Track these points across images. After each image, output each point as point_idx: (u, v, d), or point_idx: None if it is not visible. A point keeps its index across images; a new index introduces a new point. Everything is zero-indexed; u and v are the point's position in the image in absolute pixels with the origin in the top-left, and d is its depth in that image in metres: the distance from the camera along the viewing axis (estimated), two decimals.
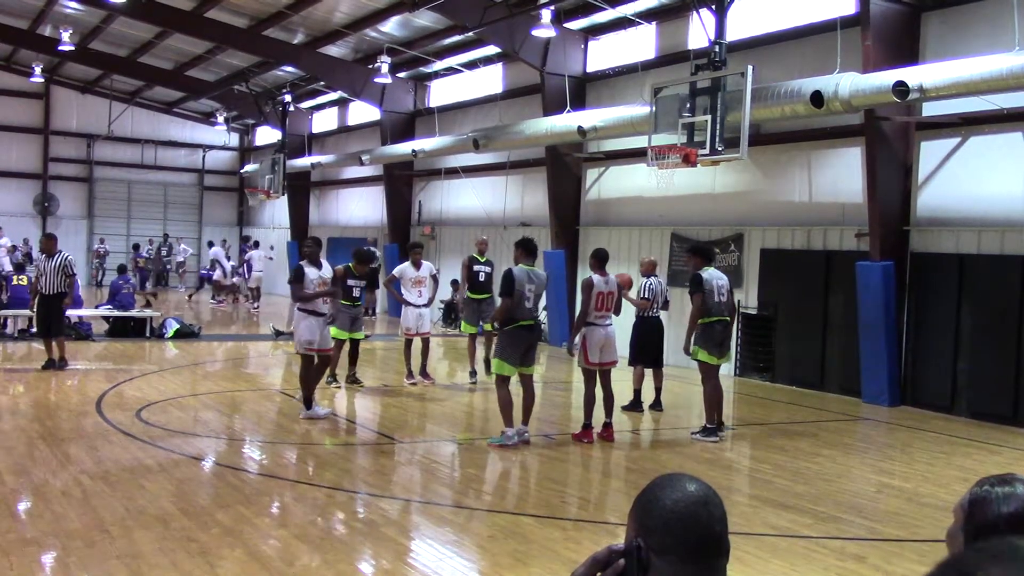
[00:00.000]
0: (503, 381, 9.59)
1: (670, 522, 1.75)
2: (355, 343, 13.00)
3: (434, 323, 14.60)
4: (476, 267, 13.84)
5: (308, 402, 10.65)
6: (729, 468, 9.64)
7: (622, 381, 11.77)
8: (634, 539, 1.77)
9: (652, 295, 12.05)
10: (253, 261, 26.54)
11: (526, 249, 9.79)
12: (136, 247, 32.76)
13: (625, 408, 11.65)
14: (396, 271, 13.83)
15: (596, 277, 10.15)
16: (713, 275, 10.43)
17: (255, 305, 26.10)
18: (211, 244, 29.78)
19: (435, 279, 14.20)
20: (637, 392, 11.99)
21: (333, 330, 12.76)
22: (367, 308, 13.29)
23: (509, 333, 9.54)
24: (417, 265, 13.54)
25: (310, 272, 10.61)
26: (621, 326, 10.69)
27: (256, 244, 28.41)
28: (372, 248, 20.07)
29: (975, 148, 12.57)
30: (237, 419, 10.98)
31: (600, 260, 10.36)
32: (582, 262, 18.30)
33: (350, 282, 12.44)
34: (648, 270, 12.30)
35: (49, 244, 13.93)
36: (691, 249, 11.32)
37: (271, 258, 29.12)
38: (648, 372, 12.03)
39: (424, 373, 13.66)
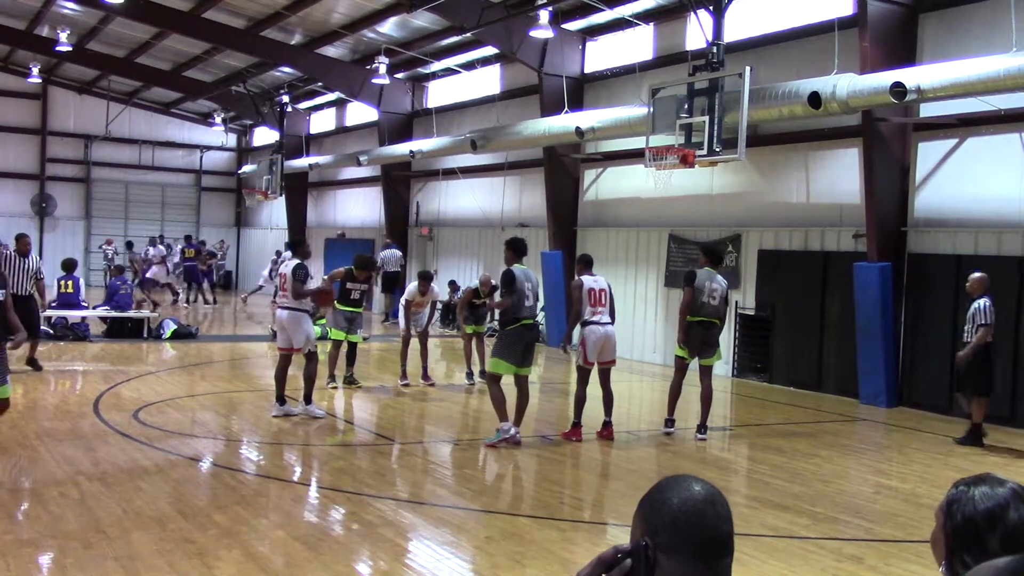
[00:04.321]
0: (495, 379, 9.61)
1: (678, 521, 1.77)
2: (352, 345, 13.02)
3: (432, 324, 14.61)
4: (475, 301, 13.78)
5: (308, 398, 10.87)
6: (727, 469, 9.64)
7: (620, 382, 11.78)
8: (641, 539, 1.78)
9: (990, 318, 10.32)
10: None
11: (516, 249, 9.82)
12: (129, 245, 32.35)
13: (960, 441, 10.61)
14: (407, 294, 13.82)
15: (585, 277, 10.26)
16: (709, 276, 10.42)
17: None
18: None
19: (434, 306, 14.29)
20: (978, 426, 10.60)
21: (332, 331, 12.88)
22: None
23: (511, 332, 9.55)
24: (423, 293, 13.63)
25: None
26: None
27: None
28: (372, 256, 20.05)
29: (972, 149, 12.58)
30: (234, 420, 10.97)
31: (586, 263, 10.53)
32: None
33: (349, 284, 12.51)
34: (979, 288, 10.43)
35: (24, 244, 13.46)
36: (703, 247, 11.47)
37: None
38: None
39: (425, 376, 13.69)
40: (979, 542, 2.09)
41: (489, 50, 20.38)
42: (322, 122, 31.02)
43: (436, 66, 23.07)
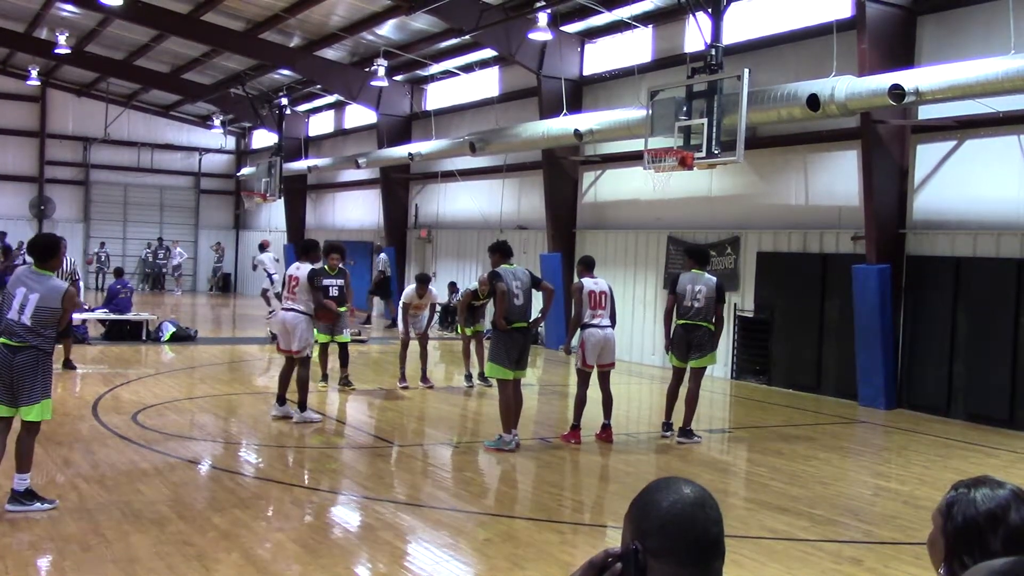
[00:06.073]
0: (505, 385, 9.57)
1: (667, 525, 1.76)
2: (343, 346, 12.99)
3: (432, 326, 14.60)
4: (475, 302, 13.76)
5: (303, 404, 10.74)
6: (726, 471, 9.64)
7: (620, 384, 11.78)
8: (631, 542, 1.78)
9: None
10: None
11: (502, 252, 9.82)
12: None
13: None
14: (405, 297, 13.83)
15: (586, 280, 10.24)
16: (692, 279, 10.35)
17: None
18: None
19: (433, 308, 14.25)
20: None
21: (317, 335, 12.76)
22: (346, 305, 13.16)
23: (503, 336, 9.52)
24: (420, 296, 13.64)
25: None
26: None
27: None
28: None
29: (971, 151, 12.59)
30: (233, 422, 10.97)
31: (588, 265, 10.49)
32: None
33: (325, 282, 12.45)
34: None
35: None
36: (686, 249, 11.49)
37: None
38: None
39: (424, 378, 13.68)
40: (980, 543, 2.09)
41: (488, 52, 20.39)
42: (321, 124, 31.01)
43: (435, 68, 23.08)
